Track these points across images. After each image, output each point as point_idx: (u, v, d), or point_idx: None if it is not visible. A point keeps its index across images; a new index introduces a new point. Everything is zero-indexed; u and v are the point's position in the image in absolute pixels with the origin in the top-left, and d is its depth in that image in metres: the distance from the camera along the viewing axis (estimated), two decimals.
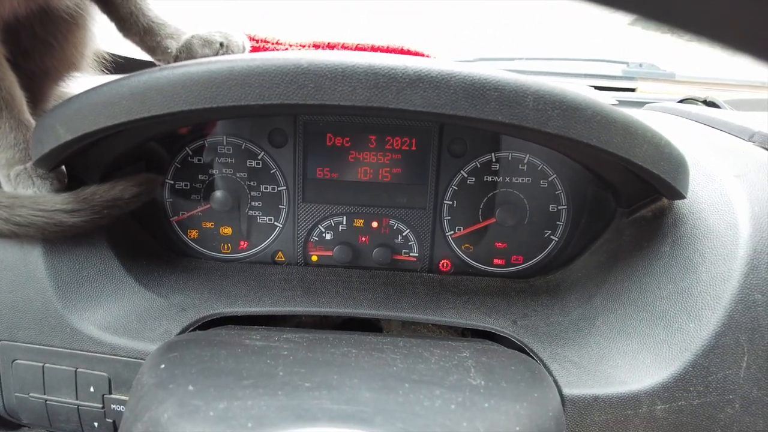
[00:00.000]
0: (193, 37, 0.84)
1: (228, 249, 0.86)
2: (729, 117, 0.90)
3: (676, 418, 0.58)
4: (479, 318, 0.69)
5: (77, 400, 0.66)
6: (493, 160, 0.80)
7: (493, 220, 0.82)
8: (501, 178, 0.81)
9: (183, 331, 0.66)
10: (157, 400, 0.47)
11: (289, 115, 0.80)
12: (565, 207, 0.82)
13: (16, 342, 0.66)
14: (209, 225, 0.85)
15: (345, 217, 0.83)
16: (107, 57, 0.91)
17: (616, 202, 0.76)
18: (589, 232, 0.80)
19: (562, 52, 1.57)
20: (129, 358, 0.64)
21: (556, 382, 0.59)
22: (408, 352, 0.57)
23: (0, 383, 0.68)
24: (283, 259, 0.86)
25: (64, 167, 0.70)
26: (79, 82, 0.86)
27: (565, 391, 0.58)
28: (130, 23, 0.82)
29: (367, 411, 0.45)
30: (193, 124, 0.79)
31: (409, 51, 0.96)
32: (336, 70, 0.55)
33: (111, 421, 0.66)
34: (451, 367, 0.54)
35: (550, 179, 0.81)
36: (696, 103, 1.16)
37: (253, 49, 0.95)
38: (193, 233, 0.85)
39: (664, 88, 1.36)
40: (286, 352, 0.55)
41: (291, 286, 0.76)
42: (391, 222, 0.83)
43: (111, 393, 0.65)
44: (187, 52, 0.84)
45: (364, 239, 0.84)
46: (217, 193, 0.81)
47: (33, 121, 0.69)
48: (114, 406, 0.65)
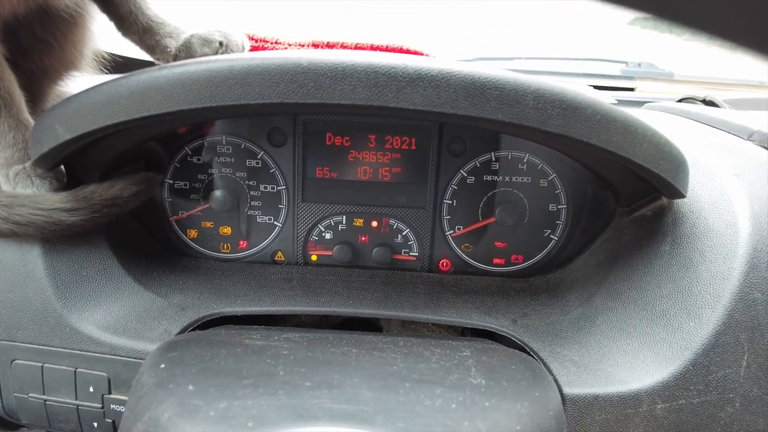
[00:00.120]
0: (192, 36, 0.84)
1: (227, 248, 0.86)
2: (728, 116, 0.90)
3: (677, 416, 0.58)
4: (479, 317, 0.69)
5: (76, 400, 0.66)
6: (493, 159, 0.80)
7: (492, 220, 0.82)
8: (501, 177, 0.81)
9: (183, 331, 0.66)
10: (157, 400, 0.47)
11: (289, 114, 0.80)
12: (565, 206, 0.82)
13: (15, 342, 0.66)
14: (209, 224, 0.85)
15: (345, 216, 0.83)
16: (106, 56, 0.90)
17: (616, 202, 0.76)
18: (589, 231, 0.80)
19: (561, 51, 1.57)
20: (128, 358, 0.64)
21: (556, 381, 0.59)
22: (408, 352, 0.57)
23: None
24: (282, 258, 0.86)
25: (63, 167, 0.70)
26: (79, 82, 0.86)
27: (566, 390, 0.58)
28: (129, 22, 0.82)
29: (368, 410, 0.45)
30: (193, 123, 0.79)
31: (408, 50, 0.96)
32: (336, 69, 0.55)
33: (110, 421, 0.66)
34: (451, 366, 0.54)
35: (549, 178, 0.81)
36: (695, 103, 1.16)
37: (253, 49, 0.95)
38: (193, 233, 0.85)
39: (662, 87, 1.36)
40: (286, 352, 0.55)
41: (291, 285, 0.76)
42: (391, 221, 0.83)
43: (110, 393, 0.65)
44: (186, 51, 0.83)
45: (363, 239, 0.84)
46: (217, 193, 0.81)
47: (32, 121, 0.69)
48: (113, 406, 0.65)
